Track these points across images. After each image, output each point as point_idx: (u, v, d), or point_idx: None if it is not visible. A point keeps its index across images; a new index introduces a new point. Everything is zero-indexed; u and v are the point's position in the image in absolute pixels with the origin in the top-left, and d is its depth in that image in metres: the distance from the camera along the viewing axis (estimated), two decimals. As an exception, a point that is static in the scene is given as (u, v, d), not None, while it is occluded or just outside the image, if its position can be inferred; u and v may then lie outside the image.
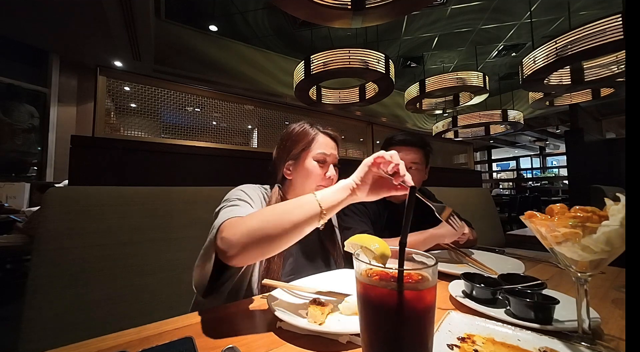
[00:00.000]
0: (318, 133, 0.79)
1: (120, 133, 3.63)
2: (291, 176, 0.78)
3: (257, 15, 4.66)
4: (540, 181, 9.14)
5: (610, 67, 3.17)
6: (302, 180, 0.76)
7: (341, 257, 0.86)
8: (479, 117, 5.56)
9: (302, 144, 0.77)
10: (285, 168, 0.79)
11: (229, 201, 0.66)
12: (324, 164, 0.76)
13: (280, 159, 0.80)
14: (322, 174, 0.75)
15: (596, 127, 5.09)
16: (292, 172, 0.78)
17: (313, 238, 0.82)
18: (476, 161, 11.70)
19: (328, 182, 0.76)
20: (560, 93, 4.11)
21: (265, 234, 0.50)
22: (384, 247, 0.38)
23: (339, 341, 0.42)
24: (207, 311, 0.53)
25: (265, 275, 0.68)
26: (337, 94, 4.29)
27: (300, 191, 0.77)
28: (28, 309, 0.64)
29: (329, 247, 0.84)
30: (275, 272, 0.70)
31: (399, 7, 2.13)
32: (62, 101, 4.23)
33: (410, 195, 0.35)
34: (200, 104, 4.06)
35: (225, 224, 0.54)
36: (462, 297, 0.56)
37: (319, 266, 0.81)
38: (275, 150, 0.82)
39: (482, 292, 0.55)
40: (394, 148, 1.07)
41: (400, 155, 1.04)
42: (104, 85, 2.82)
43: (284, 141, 0.79)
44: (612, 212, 0.37)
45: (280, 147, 0.80)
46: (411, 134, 1.09)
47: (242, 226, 0.52)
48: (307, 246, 0.80)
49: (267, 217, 0.52)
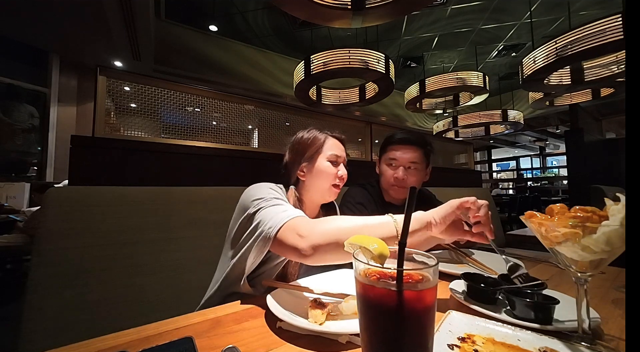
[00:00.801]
0: (328, 136, 0.84)
1: (120, 133, 3.62)
2: (305, 177, 0.82)
3: (257, 15, 4.66)
4: (540, 180, 9.14)
5: (610, 67, 3.17)
6: (315, 180, 0.81)
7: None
8: (479, 117, 5.57)
9: (315, 146, 0.82)
10: (299, 170, 0.82)
11: (265, 200, 0.67)
12: (336, 164, 0.81)
13: (294, 162, 0.83)
14: (335, 173, 0.80)
15: (596, 127, 5.09)
16: (306, 174, 0.82)
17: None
18: (476, 161, 11.70)
19: (340, 181, 0.82)
20: (560, 93, 4.11)
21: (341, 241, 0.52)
22: (383, 247, 0.38)
23: (339, 341, 0.42)
24: (207, 311, 0.53)
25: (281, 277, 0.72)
26: (337, 94, 4.29)
27: (314, 190, 0.82)
28: (28, 309, 0.64)
29: None
30: (292, 275, 0.74)
31: (399, 7, 2.13)
32: (62, 101, 4.23)
33: (410, 195, 0.35)
34: (200, 104, 4.05)
35: (295, 223, 0.58)
36: (462, 297, 0.56)
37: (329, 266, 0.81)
38: (287, 154, 0.86)
39: (482, 292, 0.55)
40: (394, 147, 1.07)
41: (398, 154, 1.05)
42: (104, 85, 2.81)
43: (296, 145, 0.84)
44: (612, 212, 0.37)
45: (292, 152, 0.84)
46: (411, 133, 1.08)
47: (318, 228, 0.55)
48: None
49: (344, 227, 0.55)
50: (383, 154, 1.11)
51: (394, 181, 1.04)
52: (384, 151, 1.11)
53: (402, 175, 1.02)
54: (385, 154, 1.09)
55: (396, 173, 1.03)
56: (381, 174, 1.11)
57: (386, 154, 1.08)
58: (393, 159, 1.05)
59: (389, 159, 1.06)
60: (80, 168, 1.15)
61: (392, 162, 1.06)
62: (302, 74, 3.26)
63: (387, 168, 1.07)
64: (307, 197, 0.83)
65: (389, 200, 1.13)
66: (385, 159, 1.09)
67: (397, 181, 1.04)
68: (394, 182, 1.04)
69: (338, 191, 0.83)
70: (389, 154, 1.07)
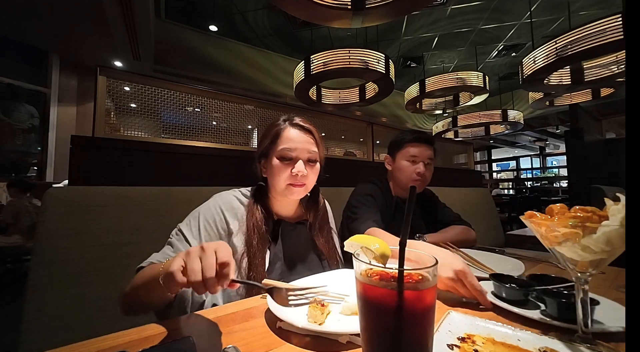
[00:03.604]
0: (286, 127, 0.73)
1: (120, 133, 3.62)
2: (265, 174, 0.76)
3: (257, 15, 4.66)
4: (540, 180, 9.14)
5: (610, 67, 3.18)
6: (271, 179, 0.73)
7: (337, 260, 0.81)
8: (479, 117, 5.57)
9: (269, 139, 0.73)
10: (261, 166, 0.77)
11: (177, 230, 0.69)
12: (289, 161, 0.71)
13: (256, 156, 0.78)
14: (289, 172, 0.70)
15: (596, 127, 5.08)
16: (266, 170, 0.75)
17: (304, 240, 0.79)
18: (476, 161, 11.70)
19: (294, 180, 0.70)
20: (560, 93, 4.11)
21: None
22: (384, 247, 0.38)
23: (339, 341, 0.42)
24: (207, 311, 0.53)
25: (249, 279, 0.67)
26: (337, 94, 4.30)
27: (274, 191, 0.74)
28: (28, 309, 0.64)
29: (323, 249, 0.79)
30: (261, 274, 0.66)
31: (399, 7, 2.13)
32: (62, 101, 4.23)
33: (411, 195, 0.35)
34: (200, 104, 4.05)
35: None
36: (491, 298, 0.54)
37: (312, 268, 0.76)
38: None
39: (513, 293, 0.53)
40: (413, 144, 1.11)
41: (418, 150, 1.09)
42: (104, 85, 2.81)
43: (260, 137, 0.78)
44: (612, 212, 0.37)
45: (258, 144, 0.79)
46: (422, 132, 1.15)
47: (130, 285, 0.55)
48: (297, 248, 0.76)
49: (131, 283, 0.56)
50: (399, 151, 1.14)
51: (417, 175, 1.09)
52: (400, 148, 1.14)
53: (424, 170, 1.09)
54: (404, 151, 1.13)
55: (418, 168, 1.09)
56: (398, 170, 1.14)
57: (404, 151, 1.12)
58: (414, 156, 1.10)
59: (410, 156, 1.11)
60: (80, 168, 1.15)
61: (414, 159, 1.10)
62: (302, 74, 3.27)
63: (408, 164, 1.11)
64: (272, 195, 0.76)
65: (396, 194, 1.18)
66: (404, 156, 1.12)
67: (420, 175, 1.09)
68: (417, 177, 1.09)
69: (301, 188, 0.72)
70: (408, 150, 1.11)
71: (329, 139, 6.53)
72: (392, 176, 1.19)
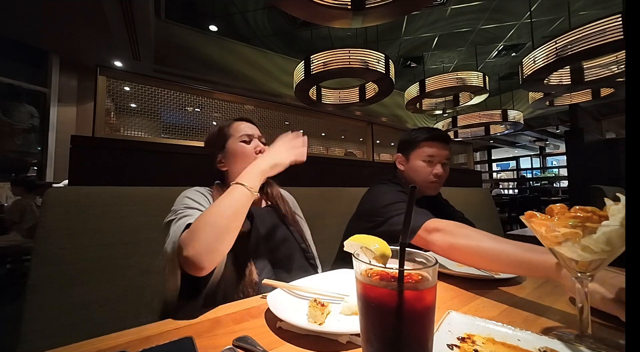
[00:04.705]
0: (232, 122, 0.87)
1: (120, 133, 3.62)
2: (225, 166, 0.84)
3: (257, 16, 4.66)
4: (540, 180, 9.14)
5: (610, 67, 3.18)
6: (234, 166, 0.82)
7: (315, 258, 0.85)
8: (479, 117, 5.57)
9: (223, 135, 0.85)
10: (218, 162, 0.84)
11: (175, 211, 0.67)
12: (249, 143, 0.83)
13: (213, 157, 0.86)
14: (251, 151, 0.82)
15: (596, 127, 5.09)
16: (226, 163, 0.84)
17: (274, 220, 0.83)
18: (476, 161, 11.70)
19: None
20: (560, 93, 4.11)
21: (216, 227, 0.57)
22: (384, 247, 0.38)
23: (339, 341, 0.42)
24: (207, 311, 0.53)
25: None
26: (337, 94, 4.30)
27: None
28: (28, 309, 0.64)
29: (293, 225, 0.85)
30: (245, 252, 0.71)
31: (399, 7, 2.13)
32: (62, 101, 4.23)
33: (411, 195, 0.35)
34: (200, 104, 4.06)
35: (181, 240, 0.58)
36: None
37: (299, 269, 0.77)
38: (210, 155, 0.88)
39: None
40: (429, 143, 1.03)
41: (436, 150, 1.04)
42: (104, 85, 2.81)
43: (207, 142, 0.89)
44: (612, 212, 0.37)
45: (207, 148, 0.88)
46: (438, 129, 1.07)
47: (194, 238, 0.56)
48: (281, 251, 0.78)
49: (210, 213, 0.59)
50: (414, 151, 1.05)
51: (434, 176, 1.02)
52: (415, 147, 1.05)
53: (441, 171, 1.02)
54: (419, 151, 1.04)
55: (436, 169, 1.02)
56: (413, 171, 1.06)
57: (420, 151, 1.04)
58: (431, 156, 1.02)
59: (427, 156, 1.02)
60: (80, 168, 1.15)
61: (430, 159, 1.02)
62: (302, 74, 3.27)
63: (424, 165, 1.03)
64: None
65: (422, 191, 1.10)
66: (419, 156, 1.04)
67: (437, 177, 1.02)
68: (434, 179, 1.02)
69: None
70: (424, 150, 1.03)
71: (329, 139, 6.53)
72: (404, 176, 1.10)
